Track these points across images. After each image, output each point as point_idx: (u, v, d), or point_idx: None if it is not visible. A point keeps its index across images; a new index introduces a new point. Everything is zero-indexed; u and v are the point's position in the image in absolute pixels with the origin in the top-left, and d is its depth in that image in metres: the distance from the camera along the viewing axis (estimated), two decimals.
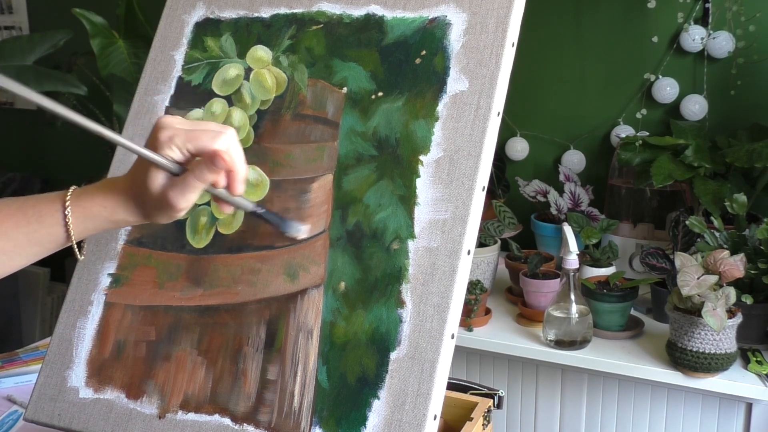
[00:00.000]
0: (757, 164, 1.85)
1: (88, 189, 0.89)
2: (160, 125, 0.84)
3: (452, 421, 1.11)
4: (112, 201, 0.87)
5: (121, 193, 0.86)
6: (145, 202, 0.85)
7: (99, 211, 0.87)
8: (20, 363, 1.54)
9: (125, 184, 0.87)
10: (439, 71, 1.00)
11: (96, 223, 0.87)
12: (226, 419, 0.96)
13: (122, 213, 0.87)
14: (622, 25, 2.23)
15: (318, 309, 0.97)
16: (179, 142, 0.82)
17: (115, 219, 0.87)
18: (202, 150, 0.82)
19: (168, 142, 0.82)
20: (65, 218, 0.86)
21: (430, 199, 0.96)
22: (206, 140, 0.82)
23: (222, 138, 0.83)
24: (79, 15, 2.43)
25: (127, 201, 0.86)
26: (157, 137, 0.83)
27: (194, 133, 0.83)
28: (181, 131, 0.83)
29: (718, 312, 1.54)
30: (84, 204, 0.87)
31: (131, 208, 0.87)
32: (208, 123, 0.85)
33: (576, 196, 2.18)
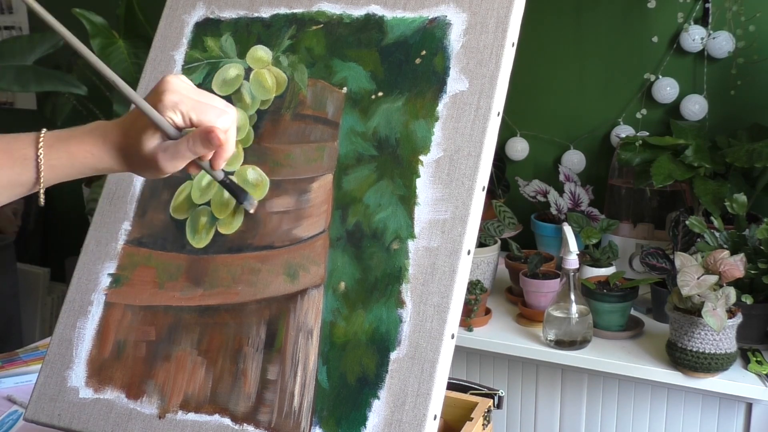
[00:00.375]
0: (757, 164, 1.85)
1: (75, 133, 0.87)
2: (167, 87, 0.84)
3: (452, 421, 1.11)
4: (101, 149, 0.86)
5: (112, 143, 0.86)
6: (132, 156, 0.85)
7: (85, 157, 0.86)
8: (20, 363, 1.54)
9: (117, 135, 0.86)
10: (439, 71, 1.00)
11: (79, 169, 0.86)
12: (226, 419, 0.96)
13: (108, 162, 0.86)
14: (622, 25, 2.23)
15: (318, 309, 0.97)
16: (184, 108, 0.83)
17: (99, 167, 0.87)
18: (205, 124, 0.84)
19: (173, 107, 0.83)
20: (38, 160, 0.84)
21: (430, 199, 0.96)
22: (211, 115, 0.84)
23: (225, 117, 0.85)
24: (79, 15, 2.43)
25: (116, 151, 0.86)
26: (162, 99, 0.83)
27: (201, 106, 0.84)
28: (188, 99, 0.84)
29: (718, 312, 1.54)
30: (70, 149, 0.85)
31: (118, 159, 0.86)
32: (213, 97, 0.87)
33: (576, 196, 2.18)
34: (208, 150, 0.86)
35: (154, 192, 1.09)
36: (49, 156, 0.85)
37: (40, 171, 0.84)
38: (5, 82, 2.40)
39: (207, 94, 0.87)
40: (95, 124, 0.88)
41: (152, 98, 0.85)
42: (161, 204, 1.08)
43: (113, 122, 0.88)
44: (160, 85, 0.85)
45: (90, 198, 2.62)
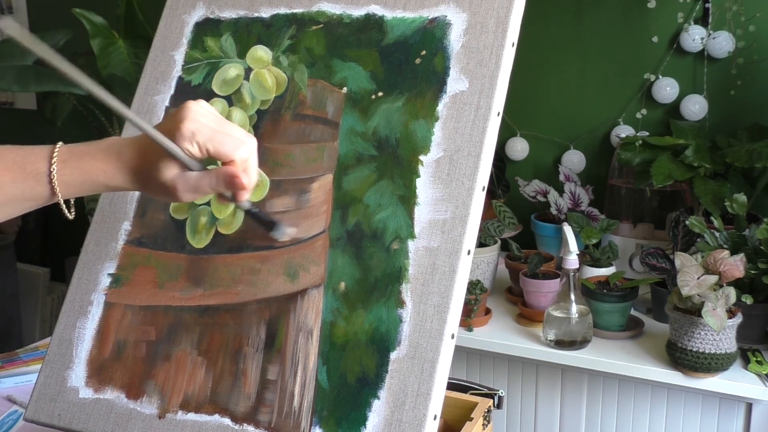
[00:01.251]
0: (757, 164, 1.85)
1: (89, 149, 0.85)
2: (186, 114, 0.82)
3: (452, 421, 1.11)
4: (114, 168, 0.84)
5: (125, 164, 0.84)
6: (148, 182, 0.84)
7: (97, 175, 0.84)
8: (20, 363, 1.54)
9: (132, 156, 0.84)
10: (439, 71, 1.00)
11: (92, 186, 0.85)
12: (226, 419, 0.96)
13: (120, 181, 0.85)
14: (622, 25, 2.23)
15: (318, 309, 0.97)
16: (201, 139, 0.81)
17: (112, 185, 0.85)
18: (222, 155, 0.82)
19: (191, 137, 0.81)
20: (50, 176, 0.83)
21: (430, 199, 0.96)
22: (229, 147, 0.82)
23: (243, 148, 0.83)
24: (79, 15, 2.43)
25: (130, 173, 0.84)
26: (180, 127, 0.81)
27: (218, 136, 0.82)
28: (206, 128, 0.81)
29: (718, 312, 1.54)
30: (84, 166, 0.84)
31: (131, 180, 0.85)
32: (232, 127, 0.84)
33: (576, 196, 2.18)
34: (230, 190, 0.85)
35: None
36: (62, 172, 0.83)
37: (54, 186, 0.83)
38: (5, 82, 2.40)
39: (227, 124, 0.84)
40: (111, 140, 0.86)
41: (170, 125, 0.82)
42: (161, 204, 1.08)
43: (129, 141, 0.85)
44: (180, 112, 0.82)
45: (90, 198, 2.62)
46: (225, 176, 0.83)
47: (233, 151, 0.82)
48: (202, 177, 0.83)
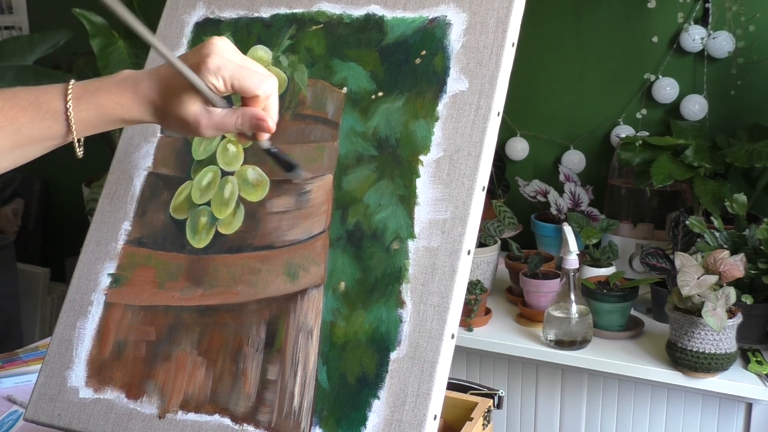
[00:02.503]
0: (757, 164, 1.85)
1: (103, 84, 0.84)
2: (212, 49, 0.81)
3: (452, 421, 1.11)
4: (131, 99, 0.83)
5: (142, 96, 0.83)
6: (168, 116, 0.83)
7: (114, 108, 0.83)
8: (20, 363, 1.54)
9: (152, 91, 0.83)
10: (439, 71, 1.00)
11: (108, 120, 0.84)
12: (226, 419, 0.96)
13: (137, 113, 0.84)
14: (622, 25, 2.23)
15: (318, 309, 0.97)
16: (226, 74, 0.81)
17: (128, 118, 0.85)
18: (246, 90, 0.83)
19: (216, 72, 0.81)
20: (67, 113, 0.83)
21: (430, 199, 0.96)
22: (253, 81, 0.82)
23: (268, 83, 0.83)
24: (79, 15, 2.43)
25: (148, 105, 0.83)
26: (207, 61, 0.81)
27: (243, 71, 0.82)
28: (231, 63, 0.82)
29: (718, 312, 1.54)
30: (99, 100, 0.83)
31: (149, 112, 0.84)
32: (255, 63, 0.85)
33: (576, 196, 2.18)
34: (255, 131, 0.85)
35: (154, 192, 1.09)
36: (78, 108, 0.83)
37: (70, 124, 0.83)
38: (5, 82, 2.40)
39: (250, 61, 0.85)
40: (125, 73, 0.85)
41: (195, 59, 0.81)
42: (161, 204, 1.08)
43: (145, 73, 0.84)
44: (206, 47, 0.82)
45: (90, 198, 2.62)
46: (252, 116, 0.83)
47: (258, 86, 0.83)
48: (227, 114, 0.83)
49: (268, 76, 0.84)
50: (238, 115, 0.84)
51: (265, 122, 0.84)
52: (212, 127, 0.84)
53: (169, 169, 1.09)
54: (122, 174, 1.11)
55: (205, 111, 0.83)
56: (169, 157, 1.10)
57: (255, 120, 0.84)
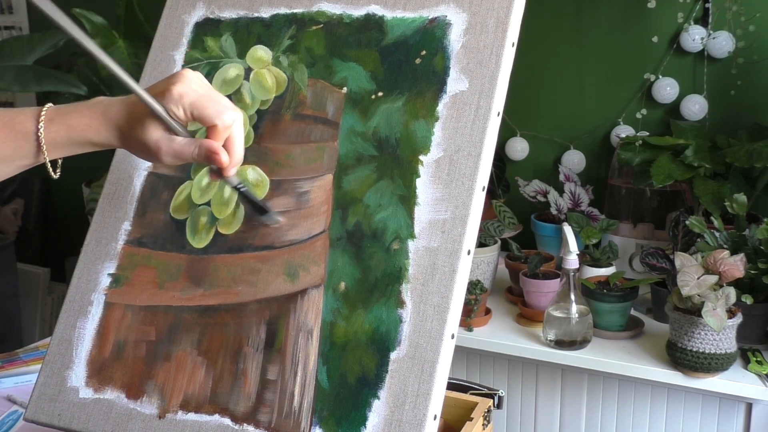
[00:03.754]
0: (757, 164, 1.85)
1: (76, 107, 0.87)
2: (177, 79, 0.84)
3: (452, 421, 1.11)
4: (99, 122, 0.86)
5: (111, 120, 0.86)
6: (131, 139, 0.85)
7: (83, 130, 0.86)
8: (20, 363, 1.54)
9: (118, 114, 0.86)
10: (439, 71, 1.00)
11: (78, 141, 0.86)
12: (226, 419, 0.96)
13: (105, 136, 0.86)
14: (622, 25, 2.23)
15: (318, 309, 0.97)
16: (187, 101, 0.83)
17: (97, 141, 0.87)
18: (204, 119, 0.84)
19: (178, 99, 0.83)
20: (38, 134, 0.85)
21: (430, 199, 0.96)
22: (212, 110, 0.84)
23: (228, 114, 0.85)
24: (79, 15, 2.43)
25: (115, 129, 0.86)
26: (171, 89, 0.83)
27: (204, 100, 0.84)
28: (193, 93, 0.84)
29: (718, 312, 1.54)
30: (70, 122, 0.86)
31: (116, 136, 0.86)
32: (221, 96, 0.86)
33: (576, 196, 2.18)
34: (209, 163, 0.87)
35: (154, 192, 1.09)
36: (49, 129, 0.85)
37: (41, 144, 0.85)
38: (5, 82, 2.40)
39: (216, 92, 0.86)
40: (97, 99, 0.88)
41: (161, 87, 0.84)
42: (161, 204, 1.08)
43: (116, 99, 0.87)
44: (174, 76, 0.85)
45: (90, 198, 2.62)
46: (207, 148, 0.85)
47: (216, 115, 0.84)
48: (186, 143, 0.85)
49: (230, 107, 0.85)
50: (196, 144, 0.85)
51: (218, 156, 0.85)
52: (171, 154, 0.85)
53: (169, 169, 1.09)
54: (122, 174, 1.11)
55: (166, 138, 0.85)
56: None
57: (209, 152, 0.85)
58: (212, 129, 0.85)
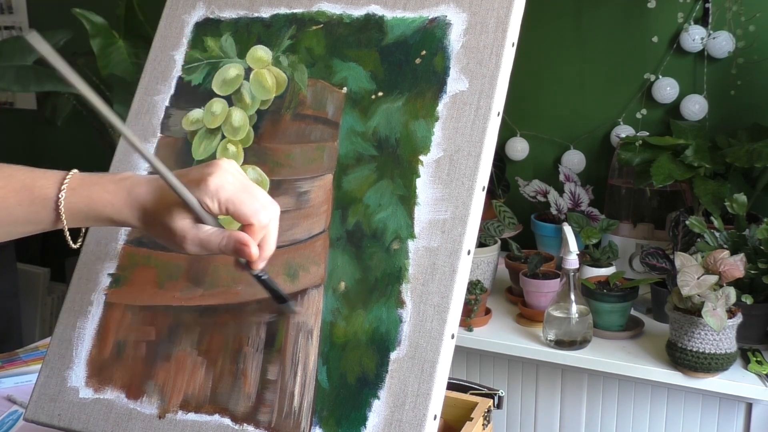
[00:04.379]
0: (757, 164, 1.85)
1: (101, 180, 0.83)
2: (214, 170, 0.79)
3: (452, 421, 1.11)
4: (123, 203, 0.81)
5: (135, 201, 0.81)
6: (156, 225, 0.81)
7: (104, 206, 0.81)
8: (20, 363, 1.54)
9: (146, 198, 0.81)
10: (439, 71, 1.00)
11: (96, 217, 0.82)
12: (226, 419, 0.96)
13: (126, 216, 0.82)
14: (622, 25, 2.23)
15: (318, 309, 0.97)
16: (224, 196, 0.78)
17: (117, 220, 0.82)
18: (240, 217, 0.79)
19: (214, 193, 0.78)
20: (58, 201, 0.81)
21: (430, 199, 0.96)
22: (249, 208, 0.79)
23: (264, 213, 0.80)
24: (79, 15, 2.43)
25: (138, 211, 0.81)
26: (207, 180, 0.78)
27: (242, 196, 0.79)
28: (231, 186, 0.79)
29: (718, 312, 1.54)
30: (92, 195, 0.81)
31: (138, 218, 0.82)
32: (259, 190, 0.81)
33: (576, 196, 2.18)
34: (237, 256, 0.82)
35: None
36: (70, 199, 0.81)
37: (60, 212, 0.81)
38: (5, 82, 2.40)
39: (253, 186, 0.81)
40: (125, 175, 0.84)
41: (196, 176, 0.79)
42: None
43: (145, 179, 0.82)
44: (210, 165, 0.80)
45: None
46: (237, 240, 0.79)
47: (253, 214, 0.79)
48: (214, 233, 0.80)
49: (268, 204, 0.81)
50: (224, 236, 0.80)
51: (248, 248, 0.79)
52: (197, 243, 0.80)
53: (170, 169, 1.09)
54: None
55: (193, 227, 0.80)
56: (169, 157, 1.10)
57: (238, 244, 0.79)
58: (248, 227, 0.80)
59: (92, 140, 2.83)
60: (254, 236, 0.80)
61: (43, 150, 3.19)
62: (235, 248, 0.80)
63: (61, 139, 3.08)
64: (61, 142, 3.09)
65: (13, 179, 0.83)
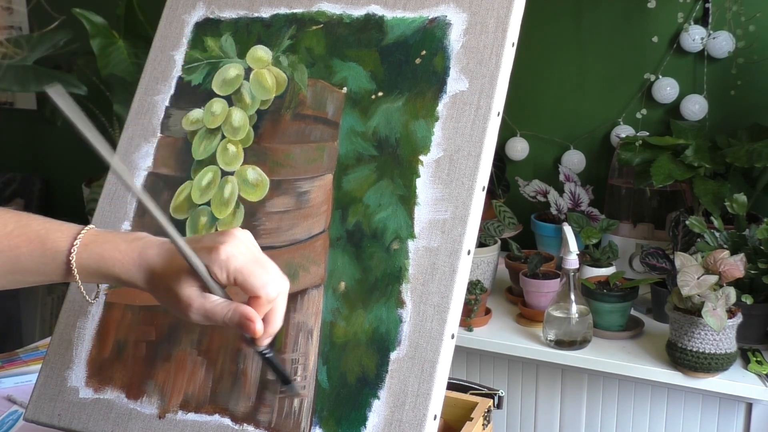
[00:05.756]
0: (757, 164, 1.85)
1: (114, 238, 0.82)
2: (227, 239, 0.78)
3: (452, 421, 1.11)
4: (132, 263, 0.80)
5: (145, 262, 0.80)
6: (161, 289, 0.80)
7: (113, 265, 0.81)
8: (20, 363, 1.54)
9: (156, 261, 0.80)
10: (439, 71, 1.00)
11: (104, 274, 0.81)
12: (226, 419, 0.96)
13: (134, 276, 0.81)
14: (622, 25, 2.23)
15: (318, 309, 0.97)
16: (234, 266, 0.77)
17: (123, 279, 0.81)
18: (248, 289, 0.77)
19: (224, 262, 0.76)
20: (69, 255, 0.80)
21: (430, 199, 0.96)
22: (258, 281, 0.77)
23: (273, 286, 0.78)
24: (79, 15, 2.43)
25: (146, 274, 0.80)
26: (219, 248, 0.77)
27: (252, 266, 0.77)
28: (242, 256, 0.77)
29: (718, 312, 1.54)
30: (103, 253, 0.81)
31: (145, 281, 0.81)
32: (270, 263, 0.79)
33: (576, 196, 2.18)
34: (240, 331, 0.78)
35: (154, 192, 1.09)
36: (81, 254, 0.81)
37: (72, 267, 0.81)
38: (5, 82, 2.40)
39: (265, 258, 0.79)
40: (139, 234, 0.83)
41: (209, 243, 0.78)
42: (161, 204, 1.08)
43: (157, 242, 0.82)
44: (224, 234, 0.78)
45: (90, 198, 2.62)
46: (242, 314, 0.77)
47: (262, 286, 0.77)
48: (219, 304, 0.78)
49: (278, 278, 0.79)
50: (230, 309, 0.77)
51: (253, 324, 0.77)
52: (201, 313, 0.78)
53: (169, 169, 1.09)
54: None
55: (200, 296, 0.78)
56: (169, 157, 1.10)
57: (243, 318, 0.77)
58: (254, 299, 0.78)
59: None
60: (260, 309, 0.78)
61: (43, 150, 3.19)
62: (239, 323, 0.77)
63: (61, 139, 3.07)
64: (61, 142, 3.09)
65: (28, 229, 0.82)
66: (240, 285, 0.77)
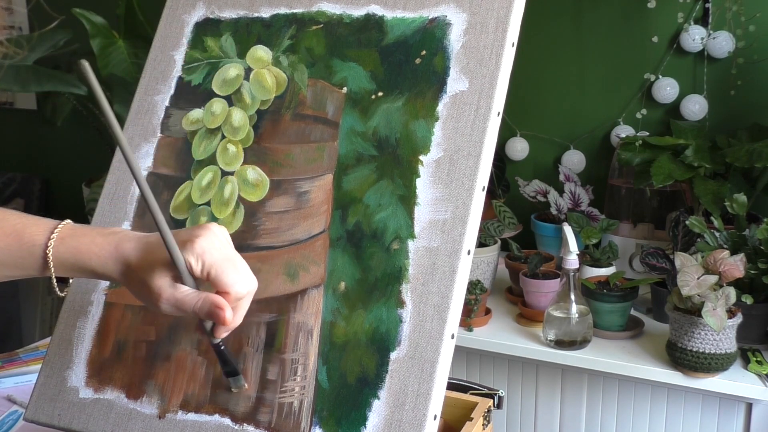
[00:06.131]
0: (757, 164, 1.85)
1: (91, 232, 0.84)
2: (203, 233, 0.80)
3: (452, 421, 1.11)
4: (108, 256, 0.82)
5: (121, 255, 0.82)
6: (134, 280, 0.82)
7: (90, 258, 0.82)
8: (20, 363, 1.54)
9: (131, 253, 0.82)
10: (439, 71, 1.00)
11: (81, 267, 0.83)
12: (226, 419, 0.96)
13: (110, 269, 0.82)
14: (622, 25, 2.23)
15: (318, 309, 0.97)
16: (208, 260, 0.79)
17: (99, 272, 0.83)
18: (219, 284, 0.80)
19: (200, 254, 0.79)
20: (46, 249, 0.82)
21: (430, 199, 0.96)
22: (230, 277, 0.79)
23: (243, 284, 0.80)
24: (79, 15, 2.43)
25: (121, 265, 0.82)
26: (194, 241, 0.79)
27: (225, 263, 0.80)
28: (217, 252, 0.80)
29: (718, 312, 1.54)
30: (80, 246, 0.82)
31: (121, 273, 0.82)
32: (242, 262, 0.82)
33: (576, 196, 2.18)
34: (210, 320, 0.82)
35: (154, 192, 1.08)
36: (58, 248, 0.82)
37: (48, 260, 0.82)
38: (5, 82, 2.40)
39: (237, 257, 0.82)
40: (115, 229, 0.85)
41: (185, 236, 0.80)
42: (161, 204, 1.08)
43: (133, 236, 0.83)
44: (200, 228, 0.81)
45: (90, 198, 2.62)
46: (212, 303, 0.79)
47: (232, 284, 0.79)
48: (189, 295, 0.80)
49: (249, 277, 0.81)
50: (201, 298, 0.80)
51: (223, 311, 0.79)
52: (171, 303, 0.80)
53: (169, 169, 1.09)
54: (122, 174, 1.11)
55: (170, 286, 0.80)
56: (169, 157, 1.10)
57: (214, 307, 0.79)
58: (223, 295, 0.80)
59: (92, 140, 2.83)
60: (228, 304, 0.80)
61: (43, 150, 3.19)
62: (209, 311, 0.80)
63: (61, 139, 3.07)
64: (61, 142, 3.09)
65: (6, 223, 0.84)
66: (212, 280, 0.80)
